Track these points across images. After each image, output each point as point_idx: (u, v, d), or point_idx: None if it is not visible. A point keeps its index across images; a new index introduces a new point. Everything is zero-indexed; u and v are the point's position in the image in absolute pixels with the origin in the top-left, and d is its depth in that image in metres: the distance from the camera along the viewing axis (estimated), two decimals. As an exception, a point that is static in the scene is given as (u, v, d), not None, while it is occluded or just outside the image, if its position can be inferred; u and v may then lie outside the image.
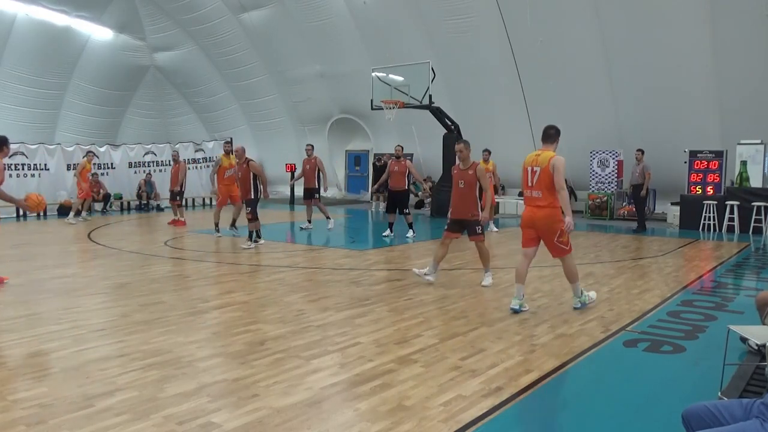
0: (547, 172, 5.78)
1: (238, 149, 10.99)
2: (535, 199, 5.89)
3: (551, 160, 5.81)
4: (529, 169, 5.93)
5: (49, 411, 3.47)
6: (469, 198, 7.32)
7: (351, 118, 21.98)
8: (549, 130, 6.09)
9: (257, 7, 20.21)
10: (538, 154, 5.96)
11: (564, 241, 5.87)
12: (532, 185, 5.89)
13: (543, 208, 5.82)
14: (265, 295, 6.72)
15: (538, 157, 5.91)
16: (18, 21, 18.92)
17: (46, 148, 17.62)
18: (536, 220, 5.87)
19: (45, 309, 6.03)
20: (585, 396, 3.91)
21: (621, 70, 15.28)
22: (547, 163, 5.80)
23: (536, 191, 5.86)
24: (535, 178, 5.85)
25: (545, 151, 5.99)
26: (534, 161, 5.92)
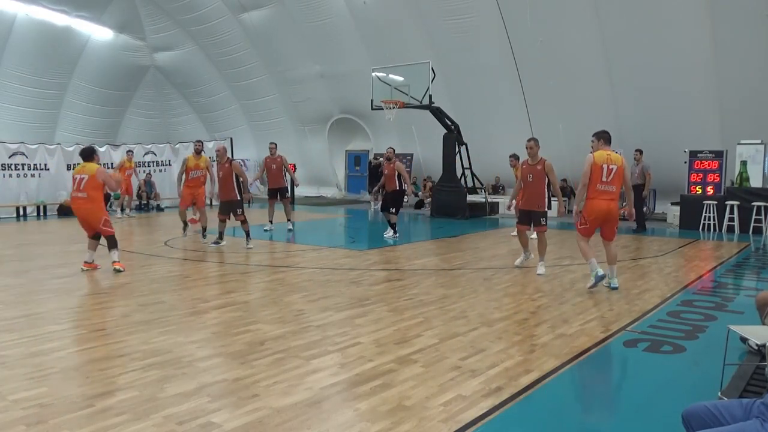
0: (622, 169, 6.76)
1: (219, 149, 10.68)
2: (609, 192, 6.75)
3: (623, 160, 6.85)
4: (605, 166, 6.70)
5: (49, 411, 3.47)
6: (539, 191, 8.07)
7: (351, 118, 21.98)
8: (606, 133, 7.01)
9: (257, 7, 20.22)
10: (608, 153, 6.78)
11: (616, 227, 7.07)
12: (607, 180, 6.71)
13: (614, 201, 6.80)
14: (265, 295, 6.72)
15: (610, 156, 6.75)
16: (18, 21, 18.92)
17: (46, 148, 17.60)
18: (611, 211, 6.80)
19: (45, 309, 6.03)
20: (585, 396, 3.91)
21: (621, 70, 15.28)
22: (621, 163, 6.77)
23: (611, 186, 6.73)
24: (612, 174, 6.70)
25: (610, 151, 6.88)
26: (608, 160, 6.72)
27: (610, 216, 6.81)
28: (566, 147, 17.20)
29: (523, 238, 8.38)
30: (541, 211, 8.06)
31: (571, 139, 16.98)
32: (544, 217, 8.09)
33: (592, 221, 6.86)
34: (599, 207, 6.74)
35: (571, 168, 17.78)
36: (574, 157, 17.27)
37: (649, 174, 13.24)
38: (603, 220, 6.85)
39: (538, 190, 8.05)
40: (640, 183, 13.19)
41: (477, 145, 16.93)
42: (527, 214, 8.17)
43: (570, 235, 13.12)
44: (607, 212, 6.77)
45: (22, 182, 16.84)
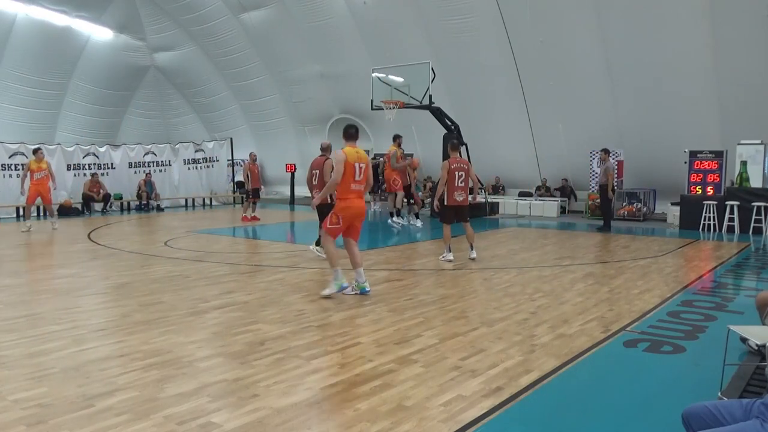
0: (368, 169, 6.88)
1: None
2: (360, 192, 6.77)
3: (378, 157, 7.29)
4: (357, 165, 6.65)
5: (49, 411, 3.47)
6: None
7: (351, 119, 21.96)
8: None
9: (257, 7, 20.21)
10: (357, 151, 6.68)
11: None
12: (359, 180, 6.68)
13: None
14: (265, 295, 6.72)
15: (359, 154, 6.70)
16: (18, 21, 18.92)
17: (46, 148, 17.56)
18: (362, 210, 6.83)
19: (45, 309, 6.03)
20: (585, 396, 3.91)
21: (621, 70, 15.29)
22: (368, 161, 6.84)
23: (360, 185, 6.72)
24: (361, 173, 6.70)
25: (359, 148, 6.88)
26: (358, 158, 6.64)
27: (362, 214, 6.76)
28: (566, 147, 17.22)
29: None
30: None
31: (571, 139, 16.99)
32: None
33: (345, 220, 6.66)
34: (355, 205, 6.63)
35: (570, 168, 17.82)
36: (573, 157, 17.31)
37: (611, 174, 13.34)
38: (353, 217, 6.70)
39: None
40: (604, 182, 13.27)
41: (477, 145, 16.91)
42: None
43: (570, 235, 13.13)
44: (356, 211, 6.68)
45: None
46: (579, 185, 17.99)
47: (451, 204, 9.07)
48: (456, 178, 8.98)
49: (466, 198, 9.16)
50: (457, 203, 9.06)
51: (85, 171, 18.26)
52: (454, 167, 9.00)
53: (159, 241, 11.47)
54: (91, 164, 18.49)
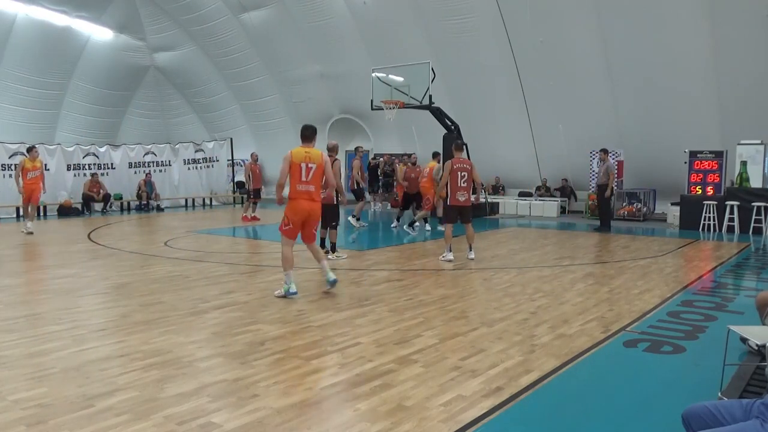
0: (322, 168, 6.73)
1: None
2: (309, 192, 6.67)
3: (323, 156, 6.79)
4: (303, 165, 6.60)
5: (49, 411, 3.47)
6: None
7: (351, 119, 21.98)
8: (306, 131, 6.85)
9: (257, 7, 20.21)
10: (307, 151, 6.64)
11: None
12: (307, 180, 6.61)
13: (316, 201, 6.75)
14: (266, 295, 6.72)
15: (309, 154, 6.64)
16: (18, 21, 18.92)
17: (46, 148, 17.61)
18: (313, 211, 6.74)
19: (45, 309, 6.03)
20: (585, 396, 3.91)
21: (621, 70, 15.29)
22: (320, 161, 6.67)
23: (311, 185, 6.65)
24: (311, 173, 6.65)
25: (310, 148, 6.77)
26: (306, 158, 6.61)
27: (312, 215, 6.68)
28: (566, 147, 17.21)
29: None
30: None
31: (571, 139, 16.99)
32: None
33: (295, 222, 6.62)
34: (301, 207, 6.57)
35: (570, 168, 17.82)
36: (573, 157, 17.31)
37: (613, 174, 13.35)
38: (302, 218, 6.64)
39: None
40: (604, 182, 13.27)
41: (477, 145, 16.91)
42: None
43: (570, 235, 13.13)
44: (308, 212, 6.63)
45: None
46: (579, 185, 17.99)
47: (454, 204, 9.08)
48: (458, 178, 8.99)
49: (468, 198, 9.17)
50: (460, 203, 9.07)
51: (85, 171, 18.26)
52: (456, 167, 9.02)
53: (159, 241, 11.47)
54: (91, 164, 18.50)
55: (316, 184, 6.61)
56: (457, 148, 9.38)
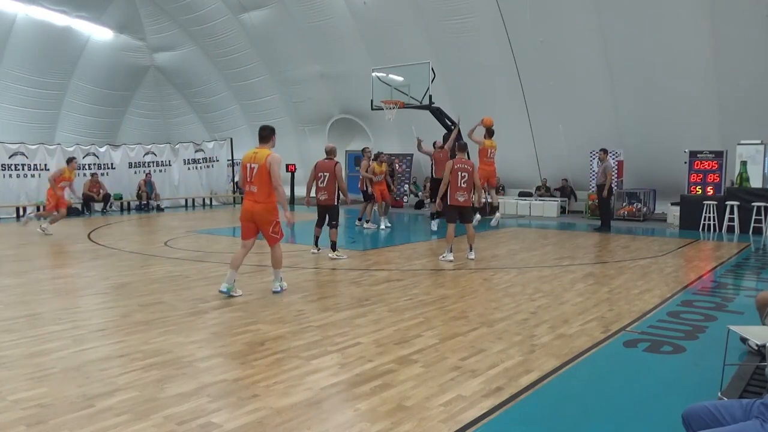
0: (265, 168, 6.38)
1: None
2: (252, 193, 6.47)
3: (268, 157, 6.42)
4: (248, 165, 6.49)
5: (49, 411, 3.47)
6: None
7: (351, 119, 21.98)
8: (262, 132, 6.74)
9: (257, 7, 20.21)
10: (255, 152, 6.54)
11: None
12: (250, 180, 6.45)
13: (258, 202, 6.46)
14: (265, 295, 6.72)
15: (256, 155, 6.47)
16: (18, 21, 18.92)
17: (46, 148, 17.61)
18: (255, 212, 6.49)
19: (45, 309, 6.03)
20: (585, 396, 3.91)
21: (621, 70, 15.28)
22: (263, 161, 6.37)
23: (253, 186, 6.43)
24: (253, 174, 6.43)
25: (258, 149, 6.60)
26: (252, 158, 6.47)
27: (255, 216, 6.49)
28: (566, 147, 17.21)
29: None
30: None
31: (571, 139, 16.99)
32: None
33: (241, 221, 6.67)
34: (244, 208, 6.56)
35: (570, 168, 17.81)
36: (573, 157, 17.30)
37: (611, 174, 13.35)
38: (246, 220, 6.58)
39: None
40: (603, 182, 13.28)
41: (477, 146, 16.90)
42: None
43: (570, 235, 13.13)
44: (250, 213, 6.49)
45: (22, 182, 16.84)
46: (579, 185, 17.99)
47: (453, 204, 9.10)
48: (458, 178, 9.00)
49: (468, 199, 9.18)
50: (459, 203, 9.09)
51: (85, 171, 18.24)
52: (457, 167, 9.03)
53: (159, 241, 11.47)
54: (91, 164, 18.49)
55: (259, 184, 6.37)
56: (460, 148, 9.40)
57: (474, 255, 9.28)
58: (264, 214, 6.47)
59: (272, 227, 6.55)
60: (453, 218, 9.25)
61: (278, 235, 6.64)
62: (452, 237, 9.21)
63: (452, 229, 9.23)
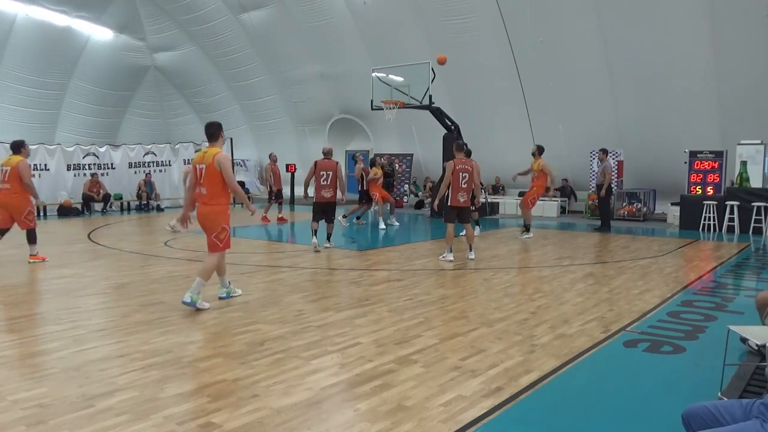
0: (212, 168, 5.94)
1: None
2: (200, 195, 6.08)
3: (216, 157, 5.96)
4: (198, 167, 6.09)
5: (49, 411, 3.47)
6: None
7: (351, 119, 21.99)
8: (208, 129, 6.26)
9: (257, 7, 20.22)
10: (204, 152, 6.12)
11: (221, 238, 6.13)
12: (199, 181, 6.07)
13: (207, 204, 6.05)
14: (265, 295, 6.72)
15: (204, 155, 6.05)
16: (18, 21, 18.93)
17: (46, 149, 17.62)
18: (204, 216, 6.09)
19: (45, 309, 6.03)
20: (585, 396, 3.91)
21: (621, 70, 15.29)
22: (211, 161, 5.95)
23: (202, 188, 6.04)
24: (202, 175, 6.02)
25: (207, 149, 6.15)
26: (201, 159, 6.06)
27: (204, 221, 6.08)
28: (566, 147, 17.21)
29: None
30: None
31: (571, 139, 16.99)
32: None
33: (201, 227, 6.23)
34: (197, 212, 6.14)
35: (570, 168, 17.81)
36: (573, 158, 17.31)
37: (609, 174, 13.36)
38: (201, 226, 6.16)
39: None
40: (602, 182, 13.29)
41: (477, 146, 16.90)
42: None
43: (570, 235, 13.13)
44: (201, 217, 6.09)
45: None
46: (579, 185, 18.00)
47: (454, 204, 9.10)
48: (459, 179, 8.99)
49: (468, 199, 9.17)
50: (460, 204, 9.08)
51: (85, 171, 18.26)
52: (458, 168, 9.01)
53: (159, 241, 11.47)
54: (91, 164, 18.50)
55: (208, 186, 5.96)
56: (458, 148, 9.34)
57: (474, 255, 9.28)
58: (211, 217, 6.01)
59: (217, 233, 6.03)
60: (452, 218, 9.24)
61: (221, 243, 6.08)
62: (452, 237, 9.21)
63: (452, 229, 9.23)
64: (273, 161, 15.40)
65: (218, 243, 6.08)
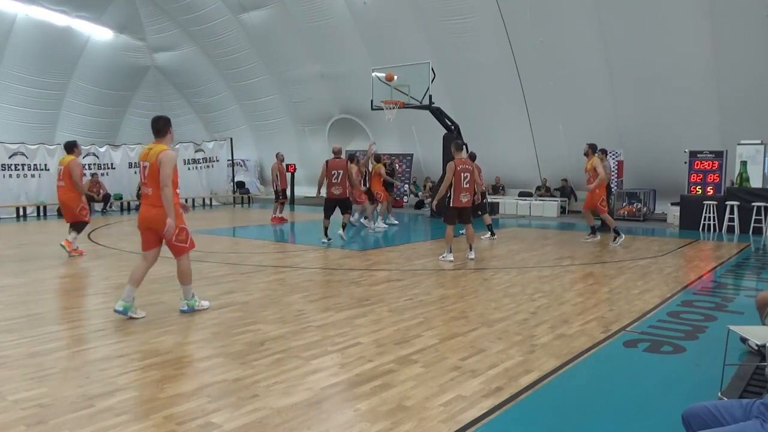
0: (156, 167, 5.47)
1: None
2: (146, 196, 5.62)
3: (160, 156, 5.48)
4: (141, 164, 5.66)
5: (49, 411, 3.47)
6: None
7: (351, 119, 21.99)
8: (155, 124, 5.79)
9: (257, 7, 20.22)
10: (149, 148, 5.65)
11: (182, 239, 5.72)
12: (144, 181, 5.63)
13: (156, 206, 5.56)
14: (265, 295, 6.72)
15: (149, 152, 5.59)
16: (18, 21, 18.93)
17: (46, 149, 17.62)
18: (151, 218, 5.62)
19: (45, 309, 6.03)
20: (585, 396, 3.91)
21: (621, 70, 15.29)
22: (155, 159, 5.48)
23: (148, 188, 5.58)
24: (145, 173, 5.57)
25: (153, 144, 5.70)
26: (145, 156, 5.61)
27: (151, 224, 5.62)
28: (566, 147, 17.22)
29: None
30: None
31: (571, 139, 16.99)
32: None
33: (140, 229, 5.77)
34: (140, 214, 5.70)
35: (570, 168, 17.81)
36: (573, 158, 17.30)
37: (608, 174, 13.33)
38: (144, 228, 5.72)
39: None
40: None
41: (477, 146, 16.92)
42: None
43: (570, 235, 13.13)
44: (147, 219, 5.63)
45: (22, 182, 16.85)
46: (579, 185, 17.99)
47: (456, 205, 9.05)
48: (462, 179, 8.94)
49: (470, 200, 9.13)
50: (462, 204, 9.05)
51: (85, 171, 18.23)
52: (460, 168, 8.95)
53: (159, 241, 11.45)
54: (91, 164, 18.50)
55: (153, 185, 5.50)
56: (457, 148, 9.25)
57: (474, 255, 9.28)
58: (159, 220, 5.53)
59: (175, 234, 5.61)
60: (453, 220, 9.20)
61: (185, 243, 5.74)
62: (451, 237, 9.19)
63: (451, 230, 9.21)
64: (280, 161, 15.47)
65: (181, 244, 5.73)
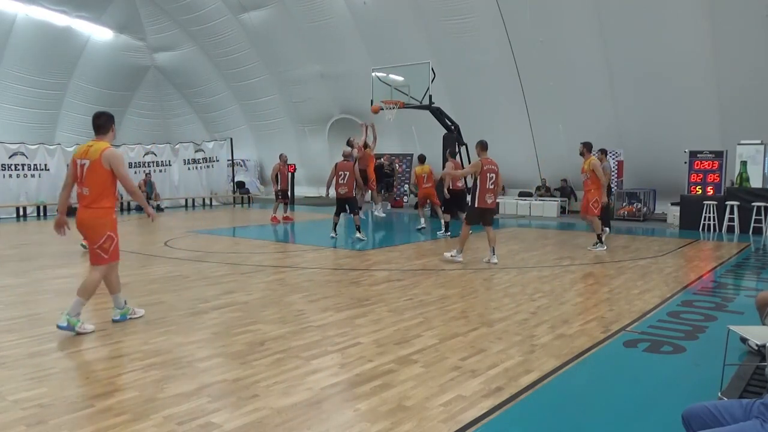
0: (96, 165, 5.14)
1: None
2: (83, 197, 5.24)
3: (101, 154, 5.16)
4: (78, 162, 5.28)
5: (49, 411, 3.47)
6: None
7: (351, 118, 21.99)
8: (97, 120, 5.50)
9: (257, 7, 20.22)
10: (89, 146, 5.34)
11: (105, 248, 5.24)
12: (80, 181, 5.24)
13: (89, 207, 5.22)
14: (266, 295, 6.72)
15: (88, 150, 5.27)
16: (18, 21, 18.94)
17: (46, 149, 17.62)
18: (82, 221, 5.28)
19: (45, 309, 6.03)
20: (585, 396, 3.91)
21: (621, 70, 15.29)
22: (97, 156, 5.16)
23: (84, 188, 5.20)
24: (83, 172, 5.20)
25: (92, 142, 5.38)
26: (83, 154, 5.29)
27: (85, 228, 5.27)
28: (566, 147, 17.22)
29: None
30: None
31: (571, 139, 16.99)
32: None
33: (80, 232, 5.44)
34: (78, 216, 5.31)
35: (570, 168, 17.80)
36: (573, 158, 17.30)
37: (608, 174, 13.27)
38: (82, 234, 5.41)
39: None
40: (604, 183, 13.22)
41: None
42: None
43: (570, 235, 13.12)
44: (80, 223, 5.29)
45: (22, 182, 16.85)
46: (579, 185, 17.97)
47: (481, 206, 8.77)
48: (487, 179, 8.66)
49: (495, 201, 8.91)
50: (487, 206, 8.80)
51: (85, 171, 18.25)
52: (486, 168, 8.70)
53: (159, 241, 11.47)
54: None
55: (91, 185, 5.14)
56: (483, 147, 8.90)
57: (497, 259, 8.87)
58: (92, 223, 5.17)
59: (101, 241, 5.17)
60: (476, 220, 8.87)
61: (107, 255, 5.22)
62: (466, 238, 8.97)
63: (467, 231, 8.91)
64: (283, 162, 15.54)
65: (102, 254, 5.22)
